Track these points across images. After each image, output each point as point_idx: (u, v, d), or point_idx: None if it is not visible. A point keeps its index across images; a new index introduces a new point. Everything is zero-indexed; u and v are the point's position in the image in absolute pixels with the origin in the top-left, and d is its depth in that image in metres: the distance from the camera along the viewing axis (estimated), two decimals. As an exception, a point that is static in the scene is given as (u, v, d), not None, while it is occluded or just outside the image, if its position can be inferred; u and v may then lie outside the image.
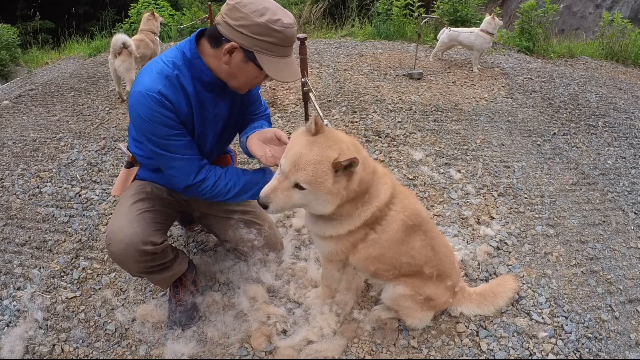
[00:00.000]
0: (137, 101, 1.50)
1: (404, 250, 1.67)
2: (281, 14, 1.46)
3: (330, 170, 1.36)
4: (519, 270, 2.25)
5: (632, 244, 2.55)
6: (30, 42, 7.42)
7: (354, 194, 1.47)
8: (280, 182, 1.41)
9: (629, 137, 3.83)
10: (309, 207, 1.49)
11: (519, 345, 1.87)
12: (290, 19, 1.48)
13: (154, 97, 1.48)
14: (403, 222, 1.62)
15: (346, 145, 1.43)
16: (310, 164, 1.36)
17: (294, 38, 1.52)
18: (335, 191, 1.40)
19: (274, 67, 1.50)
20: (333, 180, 1.38)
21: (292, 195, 1.41)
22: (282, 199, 1.41)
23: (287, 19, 1.47)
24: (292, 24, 1.48)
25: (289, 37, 1.48)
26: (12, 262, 2.32)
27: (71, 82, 4.92)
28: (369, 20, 7.78)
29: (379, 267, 1.70)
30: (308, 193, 1.40)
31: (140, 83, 1.52)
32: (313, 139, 1.39)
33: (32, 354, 1.84)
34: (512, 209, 2.73)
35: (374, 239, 1.63)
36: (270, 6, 1.46)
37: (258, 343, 1.83)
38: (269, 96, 4.11)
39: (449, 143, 3.45)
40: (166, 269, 1.79)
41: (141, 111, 1.50)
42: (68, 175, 3.04)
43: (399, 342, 1.86)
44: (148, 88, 1.49)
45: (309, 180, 1.36)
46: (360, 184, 1.46)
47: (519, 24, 6.29)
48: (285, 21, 1.45)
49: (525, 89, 4.73)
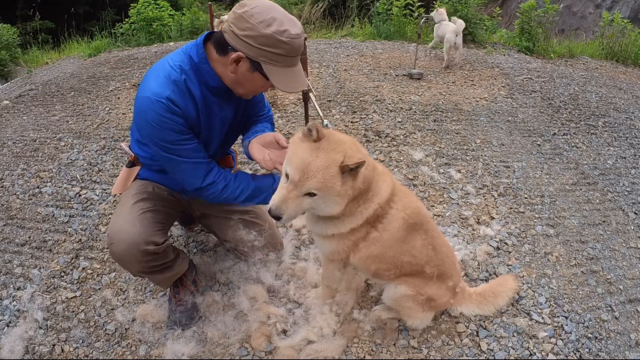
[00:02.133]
0: (145, 107, 1.49)
1: (405, 249, 1.68)
2: (288, 24, 1.44)
3: (338, 173, 1.39)
4: (519, 270, 2.25)
5: (632, 244, 2.55)
6: (30, 42, 7.42)
7: (358, 192, 1.50)
8: (290, 191, 1.42)
9: (629, 137, 3.83)
10: (318, 210, 1.51)
11: (519, 345, 1.87)
12: (298, 28, 1.47)
13: (163, 103, 1.47)
14: (404, 220, 1.63)
15: (348, 146, 1.46)
16: (319, 170, 1.38)
17: (301, 48, 1.50)
18: (344, 192, 1.44)
19: (281, 78, 1.50)
20: (341, 183, 1.41)
21: (303, 203, 1.44)
22: (293, 208, 1.44)
23: (295, 29, 1.45)
24: (299, 34, 1.46)
25: (296, 47, 1.47)
26: (12, 262, 2.32)
27: (71, 82, 4.92)
28: (369, 20, 7.78)
29: (380, 266, 1.71)
30: (318, 198, 1.43)
31: (147, 88, 1.50)
32: (316, 145, 1.41)
33: (32, 354, 1.84)
34: (512, 209, 2.73)
35: (375, 238, 1.64)
36: (277, 16, 1.44)
37: (258, 343, 1.83)
38: (269, 96, 4.11)
39: (449, 143, 3.45)
40: (167, 269, 1.80)
41: (150, 117, 1.49)
42: (68, 175, 3.04)
43: (399, 342, 1.86)
44: (156, 93, 1.48)
45: (319, 187, 1.39)
46: (364, 182, 1.50)
47: (519, 24, 6.28)
48: (292, 32, 1.43)
49: (525, 89, 4.73)
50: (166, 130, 1.51)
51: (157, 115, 1.48)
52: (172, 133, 1.52)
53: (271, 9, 1.44)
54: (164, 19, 6.75)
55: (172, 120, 1.50)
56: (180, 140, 1.55)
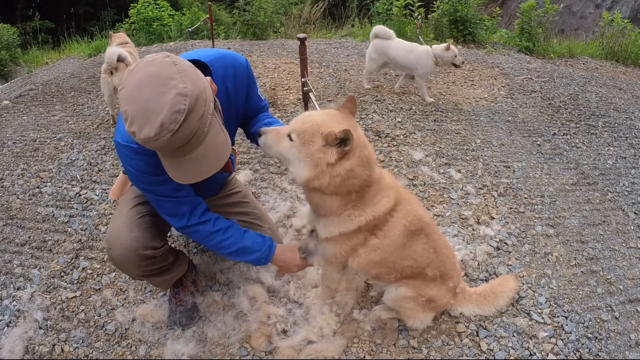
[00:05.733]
0: (120, 152, 1.46)
1: (406, 254, 1.67)
2: (137, 125, 1.15)
3: (321, 137, 1.37)
4: (519, 270, 2.25)
5: (632, 244, 2.55)
6: (30, 42, 7.41)
7: (338, 182, 1.42)
8: (283, 128, 1.49)
9: (629, 137, 3.83)
10: (289, 164, 1.47)
11: (519, 345, 1.87)
12: (151, 130, 1.14)
13: (134, 148, 1.40)
14: (405, 227, 1.61)
15: (357, 138, 1.39)
16: (309, 123, 1.40)
17: (168, 147, 1.20)
18: (316, 159, 1.39)
19: (168, 167, 1.31)
20: (319, 148, 1.38)
21: (282, 141, 1.46)
22: (273, 138, 1.49)
23: (146, 130, 1.15)
24: (150, 137, 1.15)
25: (155, 148, 1.22)
26: (12, 262, 2.32)
27: (71, 82, 4.92)
28: (369, 20, 7.78)
29: (380, 270, 1.70)
30: (293, 147, 1.43)
31: (119, 132, 1.44)
32: (335, 112, 1.43)
33: (32, 354, 1.84)
34: (512, 209, 2.73)
35: (376, 244, 1.62)
36: (131, 109, 1.16)
37: (258, 343, 1.83)
38: (269, 96, 4.10)
39: (449, 143, 3.45)
40: (166, 272, 1.79)
41: (126, 163, 1.46)
42: (68, 175, 3.04)
43: (399, 342, 1.86)
44: (127, 140, 1.40)
45: (298, 133, 1.41)
46: (347, 174, 1.41)
47: (519, 24, 6.28)
48: (141, 135, 1.16)
49: (525, 89, 4.73)
50: (144, 174, 1.46)
51: (131, 160, 1.43)
52: (150, 176, 1.46)
53: (132, 95, 1.17)
54: (164, 19, 6.76)
55: (146, 162, 1.42)
56: (160, 181, 1.47)
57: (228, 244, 1.62)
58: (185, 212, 1.57)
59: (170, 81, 1.16)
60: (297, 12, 8.48)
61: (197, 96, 1.19)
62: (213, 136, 1.30)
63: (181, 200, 1.55)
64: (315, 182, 1.42)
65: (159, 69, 1.18)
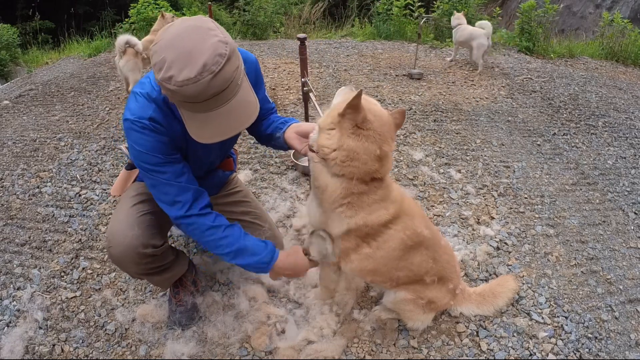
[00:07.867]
0: (128, 129, 1.45)
1: (403, 266, 1.66)
2: (176, 68, 1.17)
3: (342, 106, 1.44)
4: (519, 271, 2.25)
5: (632, 244, 2.55)
6: (30, 42, 7.41)
7: (343, 157, 1.44)
8: None
9: (629, 137, 3.83)
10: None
11: (519, 345, 1.87)
12: (191, 70, 1.16)
13: (145, 124, 1.41)
14: (402, 240, 1.59)
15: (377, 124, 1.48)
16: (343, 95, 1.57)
17: (205, 92, 1.19)
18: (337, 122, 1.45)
19: (190, 123, 1.31)
20: (339, 118, 1.44)
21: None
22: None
23: (185, 72, 1.16)
24: (190, 78, 1.16)
25: (189, 95, 1.19)
26: (12, 262, 2.32)
27: (71, 82, 4.92)
28: (369, 20, 7.78)
29: (375, 278, 1.70)
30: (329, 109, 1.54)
31: (128, 109, 1.45)
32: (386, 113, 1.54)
33: (32, 354, 1.84)
34: (512, 209, 2.73)
35: (368, 254, 1.60)
36: (170, 56, 1.18)
37: (258, 343, 1.83)
38: (269, 96, 4.10)
39: (449, 143, 3.45)
40: (166, 270, 1.79)
41: (134, 140, 1.45)
42: (68, 175, 3.04)
43: (399, 342, 1.86)
44: (138, 115, 1.41)
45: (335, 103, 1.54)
46: (352, 153, 1.43)
47: (519, 24, 6.28)
48: (179, 78, 1.17)
49: (525, 89, 4.73)
50: (151, 152, 1.44)
51: (141, 137, 1.42)
52: (157, 155, 1.45)
53: (171, 44, 1.20)
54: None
55: (158, 139, 1.43)
56: (164, 162, 1.47)
57: (227, 242, 1.57)
58: (187, 200, 1.51)
59: (211, 31, 1.22)
60: (297, 12, 8.47)
61: (235, 48, 1.26)
62: (245, 92, 1.32)
63: (184, 187, 1.51)
64: (326, 141, 1.46)
65: (197, 22, 1.25)
